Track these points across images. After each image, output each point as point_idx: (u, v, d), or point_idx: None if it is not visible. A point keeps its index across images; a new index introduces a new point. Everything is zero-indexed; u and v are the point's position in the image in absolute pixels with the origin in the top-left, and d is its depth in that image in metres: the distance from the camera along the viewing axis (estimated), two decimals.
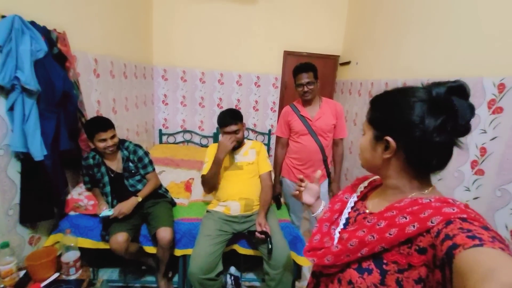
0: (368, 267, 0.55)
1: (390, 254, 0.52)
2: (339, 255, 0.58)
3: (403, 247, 0.51)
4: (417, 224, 0.48)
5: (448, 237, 0.42)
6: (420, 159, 0.55)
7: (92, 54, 2.03)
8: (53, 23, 1.58)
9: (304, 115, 1.81)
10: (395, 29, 2.20)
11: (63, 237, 1.40)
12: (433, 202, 0.51)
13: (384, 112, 0.58)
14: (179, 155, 3.11)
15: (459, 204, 0.49)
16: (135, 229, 1.67)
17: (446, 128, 0.50)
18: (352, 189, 0.75)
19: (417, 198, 0.54)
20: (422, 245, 0.48)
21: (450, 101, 0.50)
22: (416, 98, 0.53)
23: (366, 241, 0.54)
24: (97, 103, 2.12)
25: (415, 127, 0.52)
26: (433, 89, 0.52)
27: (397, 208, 0.54)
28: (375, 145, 0.58)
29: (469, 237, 0.40)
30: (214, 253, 1.50)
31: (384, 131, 0.56)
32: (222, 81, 3.47)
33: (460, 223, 0.44)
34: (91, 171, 1.65)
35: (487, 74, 1.34)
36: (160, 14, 3.21)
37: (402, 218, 0.51)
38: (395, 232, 0.50)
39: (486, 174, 1.32)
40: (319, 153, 1.82)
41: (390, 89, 0.60)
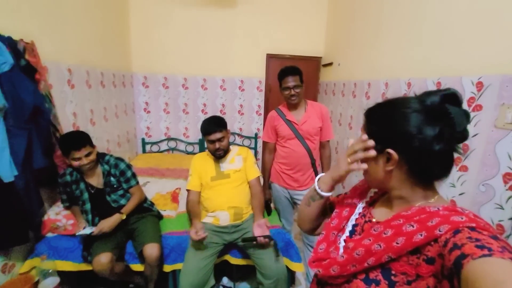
0: (375, 278, 0.53)
1: (398, 265, 0.51)
2: (345, 265, 0.57)
3: (412, 257, 0.49)
4: (424, 232, 0.47)
5: (456, 247, 0.42)
6: (422, 169, 0.55)
7: (65, 64, 1.92)
8: (20, 32, 1.47)
9: (290, 119, 1.79)
10: (375, 30, 2.24)
11: (40, 263, 1.30)
12: (441, 210, 0.50)
13: (382, 125, 0.57)
14: (164, 164, 3.01)
15: (468, 213, 0.48)
16: (119, 248, 1.58)
17: (444, 136, 0.51)
18: (362, 194, 0.73)
19: (424, 207, 0.53)
20: (431, 255, 0.47)
21: (445, 110, 0.50)
22: (411, 109, 0.53)
23: (372, 250, 0.53)
24: (73, 115, 2.01)
25: (414, 137, 0.52)
26: (427, 98, 0.53)
27: (404, 216, 0.53)
28: (377, 158, 0.58)
29: (478, 247, 0.39)
30: (205, 267, 1.44)
31: (385, 144, 0.56)
32: (206, 86, 3.42)
33: (469, 232, 0.43)
34: (68, 188, 1.55)
35: (465, 73, 1.38)
36: (137, 19, 3.11)
37: (409, 227, 0.50)
38: (403, 241, 0.49)
39: (469, 170, 1.35)
40: (307, 157, 1.81)
41: (383, 101, 0.60)
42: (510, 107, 1.15)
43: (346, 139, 2.71)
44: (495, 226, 1.22)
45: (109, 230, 1.51)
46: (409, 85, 1.79)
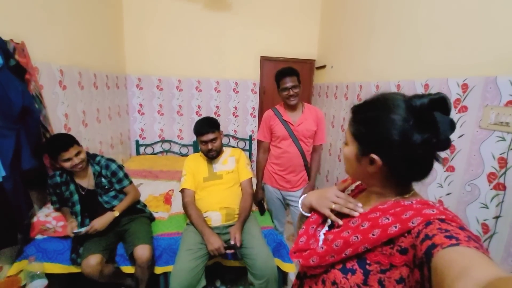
0: (352, 267, 0.56)
1: (373, 255, 0.53)
2: (324, 255, 0.59)
3: (385, 248, 0.52)
4: (399, 225, 0.50)
5: (427, 237, 0.44)
6: (403, 173, 0.56)
7: (56, 65, 1.91)
8: (10, 33, 1.47)
9: (286, 119, 1.79)
10: (367, 33, 2.27)
11: (27, 265, 1.28)
12: (414, 204, 0.53)
13: (369, 129, 0.57)
14: (158, 166, 3.00)
15: (438, 206, 0.51)
16: (110, 249, 1.57)
17: (430, 144, 0.51)
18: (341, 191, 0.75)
19: (399, 201, 0.56)
20: (404, 246, 0.49)
21: (432, 117, 0.50)
22: (400, 115, 0.52)
23: (350, 241, 0.55)
24: (64, 116, 2.00)
25: (400, 146, 0.52)
26: (417, 102, 0.52)
27: (381, 210, 0.56)
28: (360, 158, 0.59)
29: (446, 237, 0.42)
30: (195, 268, 1.44)
31: (370, 148, 0.56)
32: (200, 88, 3.42)
33: (439, 224, 0.46)
34: (58, 189, 1.54)
35: (451, 75, 1.41)
36: (131, 20, 3.11)
37: (385, 219, 0.52)
38: (378, 233, 0.51)
39: (456, 170, 1.38)
40: (300, 158, 1.82)
41: (370, 99, 0.59)
42: (493, 108, 1.18)
43: (339, 141, 2.73)
44: (480, 226, 1.25)
45: (101, 228, 1.50)
46: (398, 87, 1.82)
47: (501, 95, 1.15)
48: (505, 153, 1.14)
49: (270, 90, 3.55)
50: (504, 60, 1.15)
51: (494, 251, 1.18)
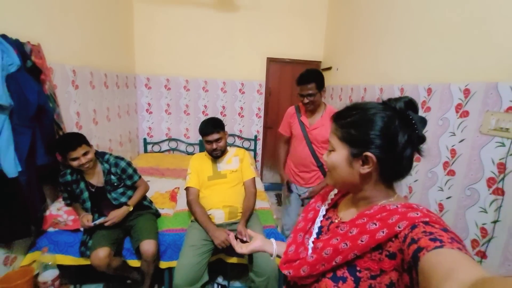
0: (342, 275, 0.56)
1: (362, 261, 0.54)
2: (314, 264, 0.59)
3: (374, 253, 0.53)
4: (386, 229, 0.51)
5: (413, 241, 0.45)
6: (393, 170, 0.59)
7: (70, 66, 1.99)
8: (27, 35, 1.55)
9: (303, 121, 1.80)
10: (371, 36, 2.29)
11: (40, 256, 1.35)
12: (399, 208, 0.54)
13: (360, 130, 0.58)
14: (165, 164, 3.07)
15: (422, 208, 0.53)
16: (117, 243, 1.64)
17: (412, 140, 0.56)
18: (323, 197, 0.76)
19: (385, 205, 0.57)
20: (392, 250, 0.50)
21: (409, 116, 0.56)
22: (387, 115, 0.56)
23: (340, 249, 0.55)
24: (76, 114, 2.08)
25: (391, 142, 0.55)
26: (396, 104, 0.57)
27: (368, 215, 0.56)
28: (351, 161, 0.59)
29: (431, 240, 0.43)
30: (199, 263, 1.49)
31: (363, 148, 0.57)
32: (207, 88, 3.48)
33: (424, 227, 0.47)
34: (69, 187, 1.61)
35: (454, 80, 1.42)
36: (141, 22, 3.20)
37: (372, 225, 0.53)
38: (366, 239, 0.52)
39: (456, 174, 1.39)
40: (312, 159, 1.82)
41: (351, 106, 0.62)
42: (493, 113, 1.19)
43: None
44: (479, 230, 1.26)
45: (118, 220, 1.59)
46: (402, 91, 1.84)
47: (502, 101, 1.16)
48: (504, 158, 1.15)
49: (276, 91, 3.59)
50: (506, 66, 1.16)
51: (492, 255, 1.20)
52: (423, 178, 1.59)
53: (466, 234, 1.31)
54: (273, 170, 3.85)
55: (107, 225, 1.57)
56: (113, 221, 1.57)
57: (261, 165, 3.80)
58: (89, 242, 1.60)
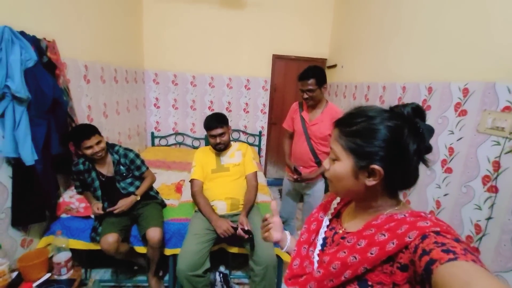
0: None
1: (374, 275, 0.51)
2: (322, 280, 0.56)
3: (385, 266, 0.50)
4: (396, 240, 0.49)
5: (425, 253, 0.44)
6: (400, 181, 0.56)
7: (82, 61, 2.08)
8: (43, 32, 1.63)
9: (304, 116, 1.85)
10: (376, 35, 2.30)
11: (54, 239, 1.45)
12: (407, 217, 0.52)
13: (366, 140, 0.54)
14: (171, 157, 3.16)
15: (430, 217, 0.51)
16: (125, 230, 1.73)
17: (420, 149, 0.53)
18: (326, 206, 0.73)
19: (392, 214, 0.55)
20: (403, 262, 0.48)
21: (417, 124, 0.53)
22: (395, 124, 0.53)
23: (348, 263, 0.52)
24: (87, 108, 2.17)
25: (401, 152, 0.53)
26: (403, 110, 0.55)
27: (375, 225, 0.54)
28: (357, 173, 0.56)
29: (444, 251, 0.42)
30: (201, 250, 1.57)
31: (369, 160, 0.54)
32: (213, 84, 3.54)
33: (435, 237, 0.45)
34: (81, 176, 1.70)
35: (453, 79, 1.44)
36: (150, 19, 3.27)
37: (381, 236, 0.51)
38: (376, 251, 0.50)
39: (454, 172, 1.42)
40: (310, 154, 1.87)
41: (354, 111, 0.59)
42: (491, 113, 1.21)
43: None
44: (473, 226, 1.29)
45: (126, 208, 1.69)
46: (404, 89, 1.86)
47: (499, 100, 1.19)
48: (498, 157, 1.17)
49: (281, 87, 3.62)
50: (503, 67, 1.18)
51: (485, 251, 1.23)
52: (421, 175, 1.59)
53: (461, 231, 1.34)
54: (276, 165, 3.90)
55: (116, 213, 1.66)
56: (121, 209, 1.67)
57: (265, 161, 3.86)
58: (99, 228, 1.70)
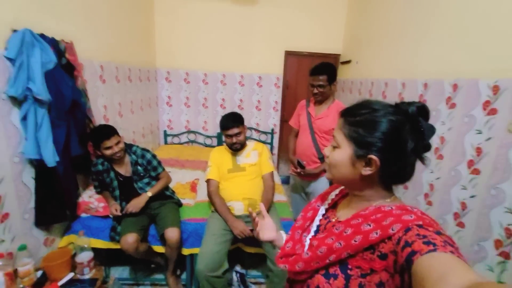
0: (334, 272, 0.58)
1: (354, 260, 0.55)
2: (309, 261, 0.61)
3: (366, 253, 0.54)
4: (379, 231, 0.52)
5: (407, 244, 0.46)
6: (395, 175, 0.59)
7: (97, 61, 2.09)
8: (61, 33, 1.64)
9: (310, 111, 1.90)
10: (394, 28, 2.22)
11: (77, 239, 1.48)
12: (394, 210, 0.54)
13: (368, 130, 0.57)
14: (184, 156, 3.18)
15: (416, 211, 0.53)
16: (144, 230, 1.74)
17: (418, 147, 0.55)
18: (324, 197, 0.77)
19: (380, 206, 0.57)
20: (384, 251, 0.51)
21: (419, 122, 0.55)
22: (398, 119, 0.55)
23: (334, 248, 0.56)
24: (103, 108, 2.19)
25: (399, 147, 0.55)
26: (408, 108, 0.56)
27: (362, 216, 0.57)
28: (355, 161, 0.58)
29: (424, 243, 0.44)
30: (219, 251, 1.57)
31: (367, 150, 0.56)
32: (225, 82, 3.52)
33: (417, 230, 0.47)
34: (100, 176, 1.72)
35: (482, 76, 1.37)
36: (161, 18, 3.26)
37: (366, 226, 0.54)
38: (360, 239, 0.53)
39: (482, 173, 1.36)
40: (313, 149, 1.87)
41: (361, 103, 0.61)
42: None
43: None
44: (504, 230, 1.24)
45: (138, 208, 1.69)
46: (425, 86, 1.79)
47: None
48: None
49: (293, 84, 3.57)
50: None
51: None
52: (445, 176, 1.57)
53: (490, 234, 1.29)
54: (289, 163, 3.86)
55: (130, 212, 1.67)
56: (134, 209, 1.67)
57: (277, 158, 3.84)
58: (118, 228, 1.72)
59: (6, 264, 1.28)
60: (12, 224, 1.40)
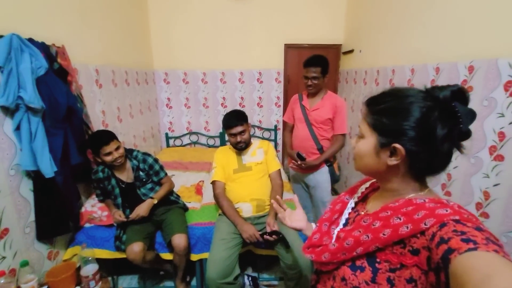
0: (361, 265, 0.56)
1: (383, 254, 0.53)
2: (335, 253, 0.60)
3: (396, 247, 0.51)
4: (410, 225, 0.49)
5: (443, 241, 0.42)
6: (425, 165, 0.55)
7: (92, 65, 2.02)
8: (51, 38, 1.57)
9: (304, 104, 1.92)
10: (400, 13, 2.11)
11: (80, 251, 1.41)
12: (427, 202, 0.51)
13: (392, 119, 0.54)
14: (187, 158, 3.11)
15: (452, 205, 0.49)
16: (150, 237, 1.68)
17: (453, 134, 0.50)
18: (353, 190, 0.75)
19: (411, 199, 0.54)
20: (416, 246, 0.48)
21: (454, 108, 0.50)
22: (425, 106, 0.51)
23: (361, 240, 0.55)
24: (101, 113, 2.12)
25: (425, 136, 0.51)
26: (439, 93, 0.51)
27: (392, 208, 0.54)
28: (379, 151, 0.56)
29: (463, 241, 0.40)
30: (230, 256, 1.50)
31: (392, 139, 0.54)
32: (224, 80, 3.44)
33: (454, 225, 0.44)
34: (101, 184, 1.66)
35: (502, 54, 1.27)
36: (156, 18, 3.18)
37: (396, 219, 0.52)
38: (389, 233, 0.51)
39: (506, 159, 1.27)
40: (312, 141, 1.89)
41: (387, 91, 0.58)
42: None
43: None
44: None
45: (145, 214, 1.62)
46: (437, 71, 1.69)
47: None
48: None
49: (295, 78, 3.48)
50: None
51: None
52: (465, 164, 1.47)
53: None
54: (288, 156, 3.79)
55: (137, 219, 1.60)
56: (139, 215, 1.60)
57: (281, 155, 3.75)
58: (123, 236, 1.66)
59: (9, 281, 1.22)
60: (13, 239, 1.34)
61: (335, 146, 1.88)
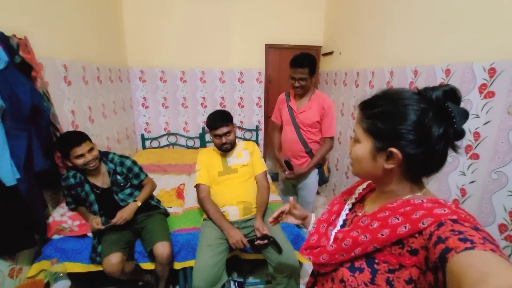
0: (360, 266, 0.56)
1: (381, 254, 0.53)
2: (333, 254, 0.60)
3: (394, 248, 0.51)
4: (408, 225, 0.49)
5: (440, 240, 0.43)
6: (422, 167, 0.54)
7: (60, 60, 1.84)
8: (12, 28, 1.39)
9: (292, 105, 1.84)
10: (379, 15, 2.18)
11: (50, 267, 1.27)
12: (425, 202, 0.51)
13: (387, 123, 0.54)
14: (166, 160, 2.97)
15: (450, 204, 0.49)
16: (129, 247, 1.56)
17: (448, 135, 0.50)
18: (351, 191, 0.75)
19: (409, 199, 0.55)
20: (414, 247, 0.48)
21: (447, 107, 0.50)
22: (419, 108, 0.51)
23: (359, 241, 0.55)
24: (71, 113, 1.94)
25: (421, 138, 0.51)
26: (432, 93, 0.52)
27: (390, 208, 0.54)
28: (375, 155, 0.56)
29: (460, 240, 0.40)
30: (217, 263, 1.43)
31: (387, 143, 0.53)
32: (204, 79, 3.34)
33: (451, 225, 0.44)
34: (73, 191, 1.51)
35: (476, 59, 1.35)
36: (131, 11, 2.99)
37: (394, 219, 0.52)
38: (387, 233, 0.51)
39: (481, 158, 1.34)
40: (299, 144, 1.84)
41: (380, 94, 0.57)
42: None
43: (350, 129, 2.69)
44: (508, 214, 1.23)
45: (129, 217, 1.52)
46: (415, 73, 1.76)
47: None
48: None
49: (276, 78, 3.47)
50: None
51: None
52: None
53: (493, 219, 1.28)
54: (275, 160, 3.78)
55: (118, 225, 1.49)
56: (123, 219, 1.50)
57: (263, 155, 3.73)
58: (99, 247, 1.52)
59: None
60: None
61: (322, 150, 1.83)
